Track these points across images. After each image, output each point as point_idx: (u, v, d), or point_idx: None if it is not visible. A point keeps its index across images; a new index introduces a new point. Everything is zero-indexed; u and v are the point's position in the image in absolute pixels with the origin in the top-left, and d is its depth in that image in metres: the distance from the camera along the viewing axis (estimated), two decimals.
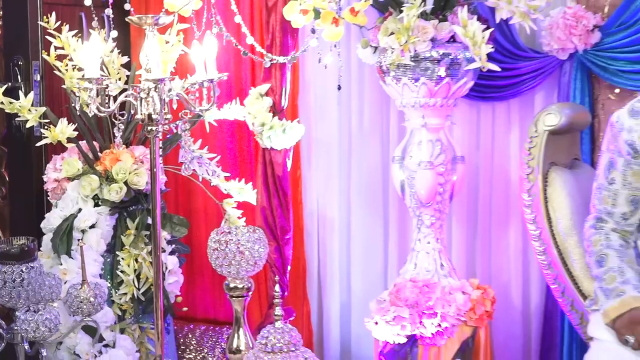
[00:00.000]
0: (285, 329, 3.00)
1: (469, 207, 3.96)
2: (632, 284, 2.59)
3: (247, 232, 3.28)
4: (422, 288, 3.37)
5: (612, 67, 3.52)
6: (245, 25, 3.60)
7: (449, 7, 3.30)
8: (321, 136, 4.17)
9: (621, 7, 3.49)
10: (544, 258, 3.11)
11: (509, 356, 3.89)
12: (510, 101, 3.82)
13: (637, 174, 2.71)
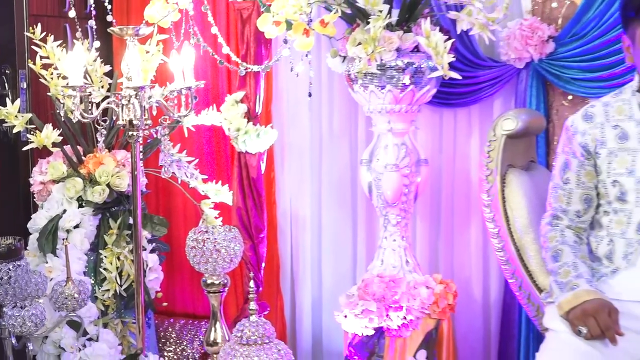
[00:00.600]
0: (259, 323, 3.01)
1: (432, 206, 3.97)
2: (585, 278, 2.60)
3: (223, 231, 3.28)
4: (388, 283, 3.38)
5: (566, 76, 3.55)
6: (222, 35, 3.62)
7: (413, 19, 3.31)
8: (293, 140, 4.18)
9: (573, 19, 3.51)
10: (503, 254, 3.12)
11: (470, 346, 3.91)
12: (471, 107, 3.84)
13: (590, 174, 2.74)
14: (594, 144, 2.71)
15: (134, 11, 4.16)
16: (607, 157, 2.68)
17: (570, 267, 2.64)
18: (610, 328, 2.44)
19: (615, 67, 3.41)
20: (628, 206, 2.65)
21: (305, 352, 4.25)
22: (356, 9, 3.25)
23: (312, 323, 4.25)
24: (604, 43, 3.44)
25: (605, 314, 2.47)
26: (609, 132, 2.70)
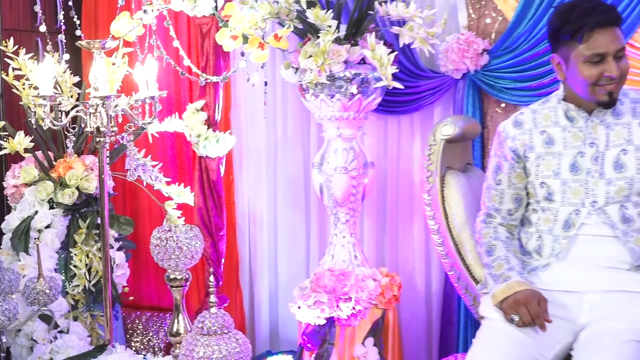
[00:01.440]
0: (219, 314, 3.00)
1: (378, 205, 3.98)
2: (516, 270, 2.62)
3: (185, 230, 3.27)
4: (338, 276, 3.38)
5: (499, 85, 3.58)
6: (183, 49, 3.61)
7: (360, 33, 3.32)
8: (251, 145, 4.17)
9: (505, 34, 3.55)
10: (442, 249, 3.13)
11: (414, 334, 3.92)
12: (413, 114, 3.85)
13: (520, 176, 2.76)
14: (523, 149, 2.73)
15: (102, 26, 4.13)
16: (535, 161, 2.71)
17: (503, 260, 2.67)
18: (540, 316, 2.47)
19: (543, 78, 3.45)
20: (555, 205, 2.68)
21: (263, 341, 4.24)
22: (307, 24, 3.25)
23: (269, 314, 4.24)
24: (533, 56, 3.47)
25: (535, 303, 2.49)
26: (536, 137, 2.72)
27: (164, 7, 3.48)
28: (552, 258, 2.67)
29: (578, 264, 2.64)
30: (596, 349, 2.43)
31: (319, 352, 3.40)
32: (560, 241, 2.66)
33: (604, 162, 2.64)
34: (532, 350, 2.49)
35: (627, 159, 2.63)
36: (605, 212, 2.62)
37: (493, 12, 3.63)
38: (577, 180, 2.65)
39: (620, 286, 2.59)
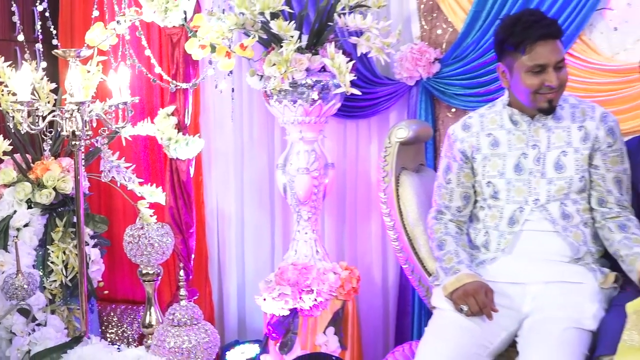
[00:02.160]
0: (189, 307, 3.00)
1: (338, 204, 3.98)
2: (465, 263, 2.65)
3: (157, 228, 3.26)
4: (301, 270, 3.38)
5: (449, 92, 3.59)
6: (154, 57, 3.59)
7: (320, 43, 3.32)
8: (219, 148, 4.15)
9: (455, 44, 3.56)
10: (397, 244, 3.14)
11: (372, 323, 3.93)
12: (370, 118, 3.85)
13: (468, 175, 2.79)
14: (471, 150, 2.76)
15: (77, 35, 4.08)
16: (482, 161, 2.74)
17: (452, 254, 2.69)
18: (487, 306, 2.49)
19: (490, 85, 3.46)
20: (500, 203, 2.71)
21: (231, 331, 4.22)
22: (271, 35, 3.24)
23: (237, 306, 4.22)
24: (480, 64, 3.49)
25: (482, 294, 2.51)
26: (483, 139, 2.75)
27: (136, 18, 3.46)
28: (499, 252, 2.70)
29: (522, 258, 2.67)
30: (539, 336, 2.46)
31: (284, 341, 3.40)
32: (506, 236, 2.69)
33: (546, 162, 2.67)
34: (480, 337, 2.51)
35: (567, 160, 2.66)
36: (547, 209, 2.65)
37: (444, 23, 3.65)
38: (521, 180, 2.68)
39: (561, 277, 2.62)
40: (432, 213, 2.86)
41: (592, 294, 2.58)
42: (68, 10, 4.19)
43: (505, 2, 3.41)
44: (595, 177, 2.67)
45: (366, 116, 3.83)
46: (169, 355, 2.95)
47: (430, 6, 3.67)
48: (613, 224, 2.64)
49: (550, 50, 2.57)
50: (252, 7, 3.17)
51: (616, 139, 2.69)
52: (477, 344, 2.50)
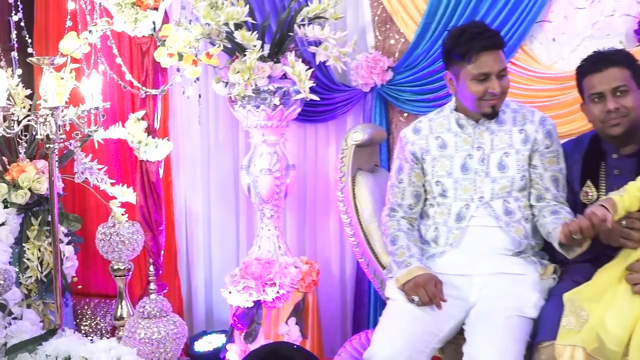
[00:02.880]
0: (158, 300, 2.98)
1: (299, 202, 3.98)
2: (416, 257, 2.65)
3: (128, 226, 3.23)
4: (264, 264, 3.37)
5: (402, 98, 3.61)
6: (125, 65, 3.56)
7: (281, 52, 3.31)
8: (187, 150, 4.12)
9: (407, 53, 3.59)
10: (354, 239, 3.14)
11: (331, 313, 3.93)
12: (328, 122, 3.86)
13: (418, 175, 2.79)
14: (421, 152, 2.77)
15: (52, 44, 4.02)
16: (431, 162, 2.75)
17: (405, 249, 2.69)
18: (436, 296, 2.50)
19: (439, 91, 3.49)
20: (448, 200, 2.72)
21: (199, 322, 4.20)
22: (235, 44, 3.23)
23: (204, 298, 4.20)
24: (430, 72, 3.52)
25: (432, 285, 2.52)
26: (432, 142, 2.76)
27: (107, 28, 3.44)
28: (447, 246, 2.71)
29: (469, 251, 2.68)
30: (484, 324, 2.47)
31: (248, 331, 3.39)
32: (454, 231, 2.70)
33: (489, 163, 2.69)
34: (430, 325, 2.52)
35: (509, 161, 2.68)
36: (491, 206, 2.67)
37: (396, 34, 3.67)
38: (467, 179, 2.70)
39: (504, 269, 2.64)
40: (386, 211, 2.87)
41: (532, 285, 2.60)
42: (43, 20, 4.13)
43: (452, 15, 3.44)
44: (534, 176, 2.70)
45: (324, 120, 3.84)
46: (139, 346, 2.93)
47: (383, 18, 3.69)
48: (547, 211, 2.65)
49: (493, 59, 2.60)
50: (217, 18, 3.16)
51: (553, 141, 2.72)
52: (428, 332, 2.50)
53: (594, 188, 2.69)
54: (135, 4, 3.36)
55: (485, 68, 2.59)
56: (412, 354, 2.43)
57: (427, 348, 2.49)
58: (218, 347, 3.73)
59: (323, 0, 3.27)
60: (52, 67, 2.98)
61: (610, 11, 3.34)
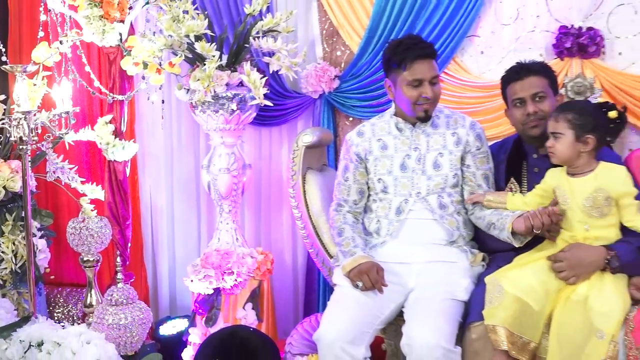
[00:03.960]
0: (125, 288, 2.94)
1: (255, 198, 3.95)
2: (360, 247, 2.66)
3: (96, 221, 3.16)
4: (223, 255, 3.34)
5: (347, 104, 3.62)
6: (94, 73, 3.51)
7: (238, 62, 3.29)
8: (152, 151, 4.06)
9: (351, 64, 3.59)
10: (304, 232, 3.13)
11: (284, 298, 3.92)
12: (281, 126, 3.84)
13: (362, 174, 2.80)
14: (364, 153, 2.78)
15: (25, 53, 3.92)
16: (374, 162, 2.76)
17: (350, 240, 2.69)
18: (378, 282, 2.51)
19: (381, 98, 3.50)
20: (389, 196, 2.74)
21: (164, 309, 4.14)
22: (195, 54, 3.20)
23: (169, 286, 4.15)
24: (372, 81, 3.53)
25: (374, 272, 2.53)
26: (374, 144, 2.77)
27: (77, 38, 3.37)
28: (388, 237, 2.72)
29: (407, 241, 2.70)
30: (421, 306, 2.49)
31: (209, 315, 3.35)
32: (394, 224, 2.72)
33: (425, 162, 2.71)
34: (373, 308, 2.53)
35: (443, 161, 2.71)
36: (427, 201, 2.69)
37: (342, 46, 3.67)
38: (406, 177, 2.71)
39: (439, 258, 2.67)
40: (333, 206, 2.86)
41: (464, 271, 2.63)
42: (16, 30, 4.05)
43: (392, 30, 3.45)
44: (468, 174, 2.73)
45: (278, 124, 3.82)
46: (107, 331, 2.88)
47: (331, 32, 3.68)
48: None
49: (426, 67, 2.62)
50: (179, 31, 3.12)
51: (483, 143, 2.76)
52: (371, 314, 2.51)
53: (517, 184, 2.74)
54: (103, 17, 3.31)
55: (419, 75, 2.61)
56: (357, 334, 2.44)
57: (370, 329, 2.49)
58: (181, 330, 3.68)
59: (276, 15, 3.27)
60: (25, 74, 2.90)
61: (531, 27, 3.39)
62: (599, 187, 2.37)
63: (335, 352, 2.40)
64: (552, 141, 2.43)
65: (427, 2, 3.40)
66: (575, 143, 2.39)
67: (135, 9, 3.36)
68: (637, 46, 3.27)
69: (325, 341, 2.42)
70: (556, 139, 2.42)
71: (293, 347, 3.21)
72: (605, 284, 2.32)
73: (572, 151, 2.39)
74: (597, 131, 2.40)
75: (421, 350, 2.33)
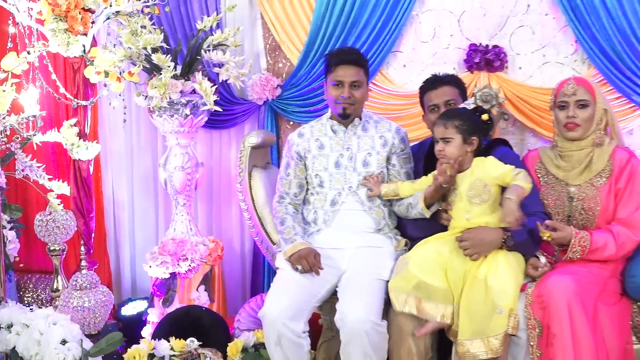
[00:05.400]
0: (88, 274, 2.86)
1: (207, 192, 3.89)
2: (300, 235, 2.64)
3: (62, 214, 3.05)
4: (178, 243, 3.28)
5: (288, 109, 3.60)
6: (59, 80, 3.38)
7: (191, 71, 3.22)
8: (114, 150, 3.95)
9: (291, 75, 3.57)
10: (251, 222, 3.10)
11: (233, 281, 3.87)
12: (230, 129, 3.79)
13: (302, 170, 2.79)
14: (304, 152, 2.76)
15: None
16: (312, 160, 2.75)
17: (291, 228, 2.68)
18: (315, 265, 2.51)
19: (318, 105, 3.51)
20: (325, 190, 2.73)
21: (126, 291, 4.04)
22: (152, 65, 3.12)
23: (130, 272, 4.05)
24: (310, 90, 3.53)
25: (312, 257, 2.53)
26: (312, 144, 2.76)
27: (44, 49, 3.25)
28: (323, 226, 2.72)
29: (340, 230, 2.70)
30: (352, 286, 2.49)
31: (165, 297, 3.29)
32: (329, 214, 2.71)
33: (356, 160, 2.71)
34: (311, 289, 2.52)
35: (371, 159, 2.71)
36: (357, 194, 2.70)
37: (284, 59, 3.65)
38: (339, 173, 2.71)
39: (368, 243, 2.68)
40: (276, 198, 2.84)
41: (389, 255, 2.64)
42: None
43: (327, 46, 3.46)
44: (393, 172, 2.74)
45: (227, 127, 3.76)
46: (72, 313, 2.79)
47: (273, 46, 3.66)
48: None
49: (347, 72, 2.63)
50: (137, 44, 3.05)
51: (406, 145, 2.78)
52: (309, 294, 2.50)
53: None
54: (68, 30, 3.19)
55: (340, 77, 2.63)
56: (296, 311, 2.42)
57: (308, 306, 2.48)
58: (141, 311, 3.60)
59: (225, 31, 3.23)
60: None
61: (446, 45, 3.44)
62: (477, 178, 2.43)
63: (278, 327, 2.38)
64: (441, 145, 2.46)
65: (358, 22, 3.41)
66: (463, 145, 2.44)
67: (98, 23, 3.25)
68: (534, 62, 3.35)
69: (269, 318, 2.40)
70: (446, 143, 2.45)
71: (241, 323, 3.18)
72: (499, 265, 2.35)
73: (460, 152, 2.44)
74: (478, 133, 2.47)
75: (352, 324, 2.33)
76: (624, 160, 2.48)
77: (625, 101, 3.21)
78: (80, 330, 2.59)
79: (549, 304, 2.25)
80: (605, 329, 2.28)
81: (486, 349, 2.25)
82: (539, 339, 2.27)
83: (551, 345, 2.23)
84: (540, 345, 2.26)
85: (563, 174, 2.56)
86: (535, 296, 2.30)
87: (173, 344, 2.82)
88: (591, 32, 3.16)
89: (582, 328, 2.20)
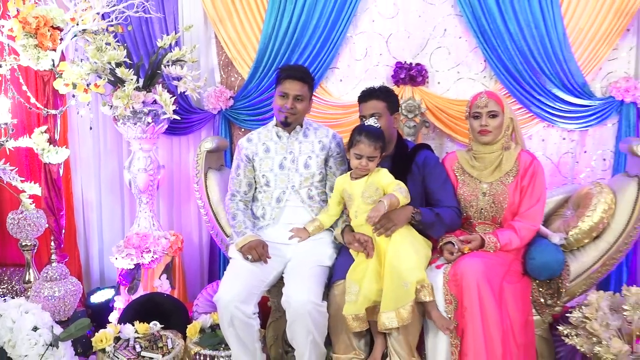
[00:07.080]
0: (58, 267, 2.75)
1: (168, 191, 3.80)
2: (250, 228, 2.62)
3: (33, 212, 2.92)
4: (142, 237, 3.20)
5: (240, 118, 3.55)
6: (30, 91, 3.25)
7: (152, 84, 3.15)
8: (82, 154, 3.80)
9: (242, 87, 3.53)
10: (207, 218, 3.06)
11: (193, 270, 3.80)
12: (188, 135, 3.71)
13: (251, 171, 2.75)
14: (252, 155, 2.73)
15: None
16: (259, 162, 2.72)
17: (241, 222, 2.65)
18: (263, 255, 2.50)
19: (266, 114, 3.47)
20: (271, 189, 2.71)
21: (94, 281, 3.90)
22: (117, 78, 3.03)
23: (98, 263, 3.91)
24: (259, 101, 3.49)
25: (260, 247, 2.51)
26: (260, 148, 2.73)
27: (15, 63, 3.10)
28: (270, 221, 2.70)
29: (285, 224, 2.69)
30: (296, 272, 2.49)
31: (131, 285, 3.20)
32: (275, 210, 2.70)
33: (298, 163, 2.70)
34: (260, 275, 2.50)
35: (312, 162, 2.71)
36: (299, 193, 2.69)
37: (235, 74, 3.60)
38: (283, 174, 2.69)
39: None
40: (228, 196, 2.80)
41: (329, 244, 2.65)
42: None
43: (274, 62, 3.43)
44: (330, 173, 2.75)
45: (185, 134, 3.68)
46: (43, 302, 2.68)
47: (226, 62, 3.60)
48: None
49: (292, 86, 2.62)
50: (102, 59, 2.95)
51: (341, 149, 2.78)
52: (258, 280, 2.48)
53: None
54: (38, 46, 3.05)
55: (286, 89, 2.62)
56: (247, 295, 2.40)
57: (258, 291, 2.47)
58: (109, 298, 3.48)
59: (183, 48, 3.17)
60: None
61: (376, 62, 3.47)
62: (370, 183, 2.46)
63: (231, 309, 2.35)
64: (365, 161, 2.45)
65: (300, 41, 3.39)
66: (378, 159, 2.47)
67: (66, 40, 3.13)
68: (450, 78, 3.42)
69: (222, 301, 2.37)
70: (370, 161, 2.46)
71: (199, 307, 3.12)
72: (399, 247, 2.36)
73: (375, 165, 2.47)
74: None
75: (296, 305, 2.33)
76: (527, 162, 2.56)
77: (525, 111, 3.31)
78: (51, 318, 2.48)
79: (461, 282, 2.29)
80: (509, 303, 2.34)
81: (397, 319, 2.28)
82: (455, 311, 2.31)
83: (463, 317, 2.27)
84: (456, 317, 2.30)
85: (477, 173, 2.61)
86: (452, 275, 2.35)
87: (137, 327, 2.74)
88: (497, 53, 3.25)
89: (489, 303, 2.25)
